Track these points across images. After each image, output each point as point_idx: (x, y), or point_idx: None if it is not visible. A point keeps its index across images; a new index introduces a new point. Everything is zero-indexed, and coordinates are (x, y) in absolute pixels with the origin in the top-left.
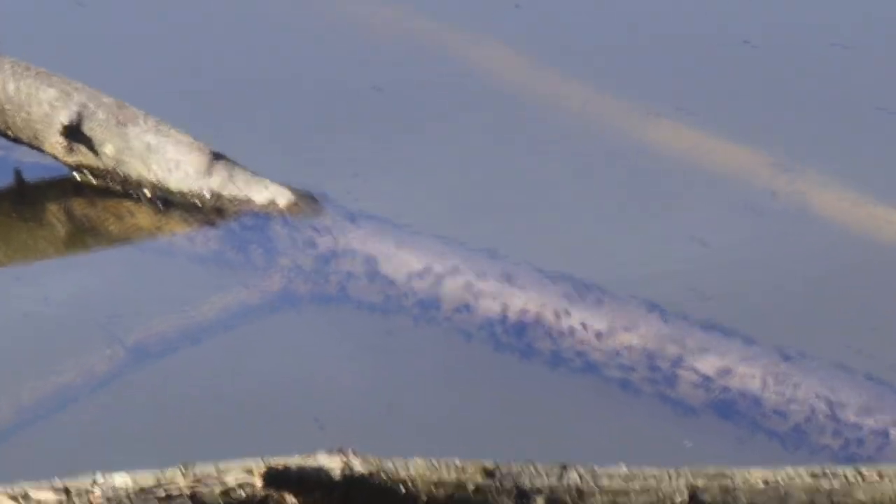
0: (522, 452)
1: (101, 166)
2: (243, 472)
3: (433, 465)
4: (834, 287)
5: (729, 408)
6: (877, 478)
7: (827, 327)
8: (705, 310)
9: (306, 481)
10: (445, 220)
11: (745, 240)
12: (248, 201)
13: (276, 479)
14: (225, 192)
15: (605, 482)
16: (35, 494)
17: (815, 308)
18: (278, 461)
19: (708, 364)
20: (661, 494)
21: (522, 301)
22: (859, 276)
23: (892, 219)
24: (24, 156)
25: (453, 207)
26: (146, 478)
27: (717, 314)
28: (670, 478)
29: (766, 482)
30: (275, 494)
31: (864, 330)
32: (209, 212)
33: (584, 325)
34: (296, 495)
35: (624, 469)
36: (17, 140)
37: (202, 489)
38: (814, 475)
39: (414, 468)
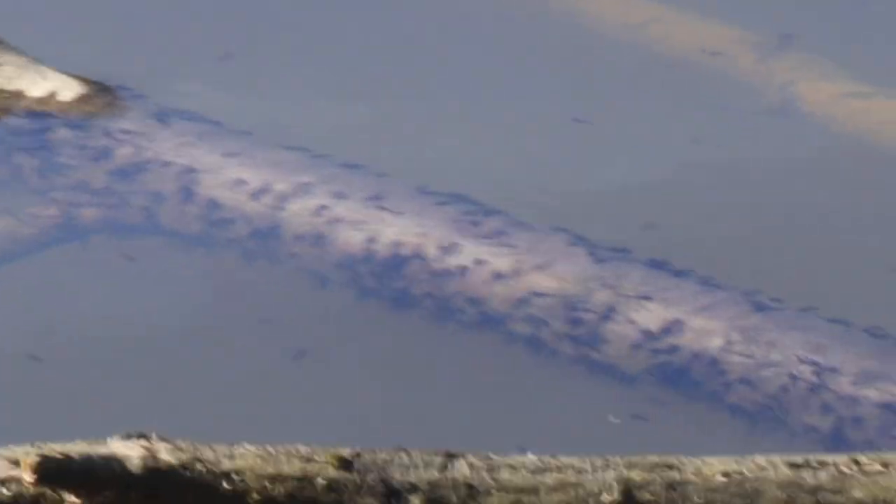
0: (392, 436)
1: None
2: (7, 464)
3: (268, 453)
4: (821, 211)
5: (679, 375)
6: (880, 468)
7: (812, 267)
8: (648, 244)
9: (94, 476)
10: (294, 127)
11: (705, 150)
12: (20, 95)
13: (53, 472)
14: None
15: (505, 475)
16: None
17: (797, 241)
18: (55, 448)
19: (650, 316)
20: (582, 491)
21: (396, 231)
22: (855, 193)
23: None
24: None
25: (306, 109)
26: None
27: (664, 250)
28: (596, 469)
29: (727, 475)
30: (51, 493)
31: (862, 269)
32: None
33: (478, 263)
34: (79, 494)
35: (532, 458)
36: None
37: None
38: (794, 465)
39: (242, 457)
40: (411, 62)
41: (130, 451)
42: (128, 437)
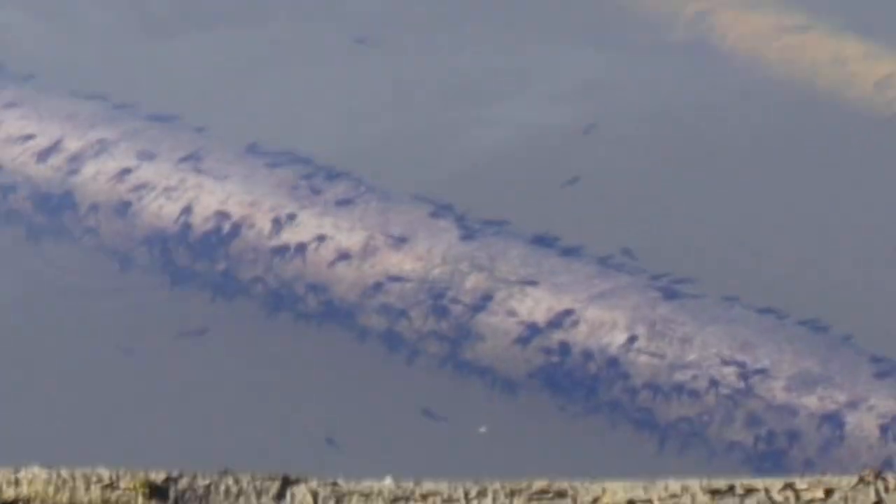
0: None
1: None
2: None
3: (62, 478)
4: (746, 173)
5: (571, 379)
6: (821, 495)
7: (736, 244)
8: (531, 216)
9: None
10: (91, 69)
11: (600, 97)
12: None
13: None
14: None
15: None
16: None
17: (716, 212)
18: None
19: (534, 304)
20: None
21: (217, 199)
22: (787, 149)
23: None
24: None
25: (106, 48)
26: None
27: (551, 223)
28: (470, 498)
29: (632, 503)
30: None
31: (798, 246)
32: None
33: (320, 240)
34: None
35: (389, 484)
36: None
37: None
38: (715, 492)
39: (29, 483)
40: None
41: None
42: None
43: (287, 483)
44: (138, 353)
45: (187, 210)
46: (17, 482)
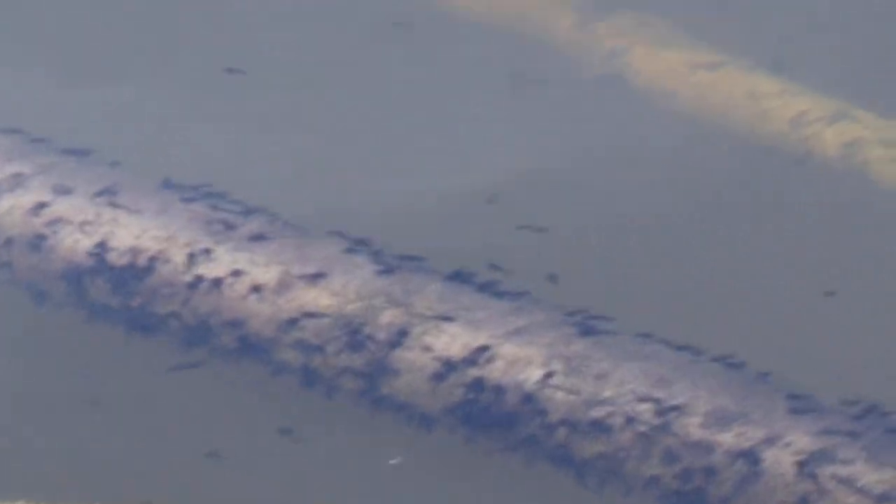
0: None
1: None
2: None
3: None
4: (663, 211)
5: (487, 416)
6: None
7: (651, 282)
8: (447, 253)
9: None
10: (6, 104)
11: (518, 134)
12: None
13: None
14: None
15: None
16: None
17: (631, 250)
18: None
19: (451, 340)
20: None
21: (132, 233)
22: (704, 189)
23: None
24: None
25: (23, 85)
26: None
27: (468, 261)
28: None
29: None
30: None
31: (712, 284)
32: None
33: (236, 275)
34: None
35: None
36: None
37: None
38: None
39: None
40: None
41: None
42: None
43: None
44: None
45: (102, 245)
46: None
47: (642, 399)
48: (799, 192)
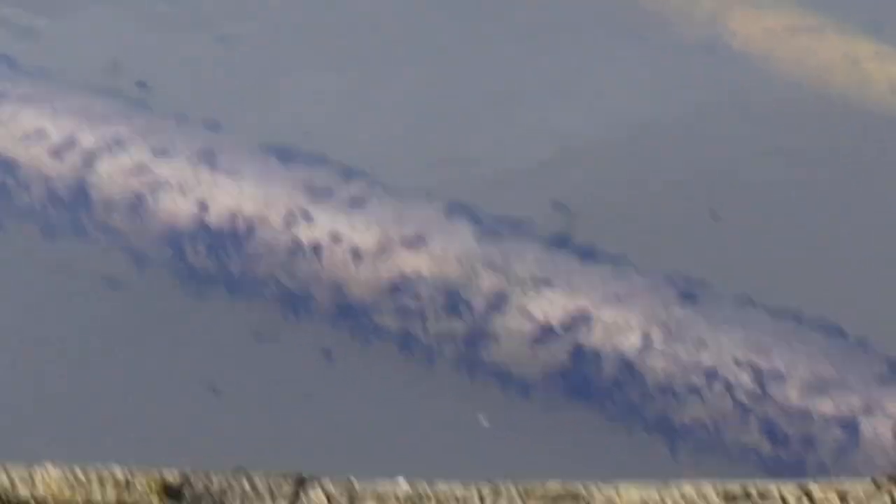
0: (230, 457)
1: None
2: None
3: (77, 477)
4: (760, 176)
5: (586, 381)
6: (836, 501)
7: (751, 247)
8: (548, 217)
9: None
10: (106, 66)
11: (622, 98)
12: None
13: None
14: None
15: None
16: None
17: (731, 214)
18: None
19: (549, 305)
20: None
21: (234, 196)
22: (801, 151)
23: (859, 54)
24: None
25: (120, 44)
26: None
27: (568, 224)
28: (483, 499)
29: None
30: None
31: (814, 249)
32: None
33: (335, 238)
34: None
35: (404, 485)
36: None
37: None
38: (729, 497)
39: (44, 483)
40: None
41: None
42: None
43: (301, 483)
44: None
45: (201, 208)
46: (31, 481)
47: (741, 365)
48: (893, 151)
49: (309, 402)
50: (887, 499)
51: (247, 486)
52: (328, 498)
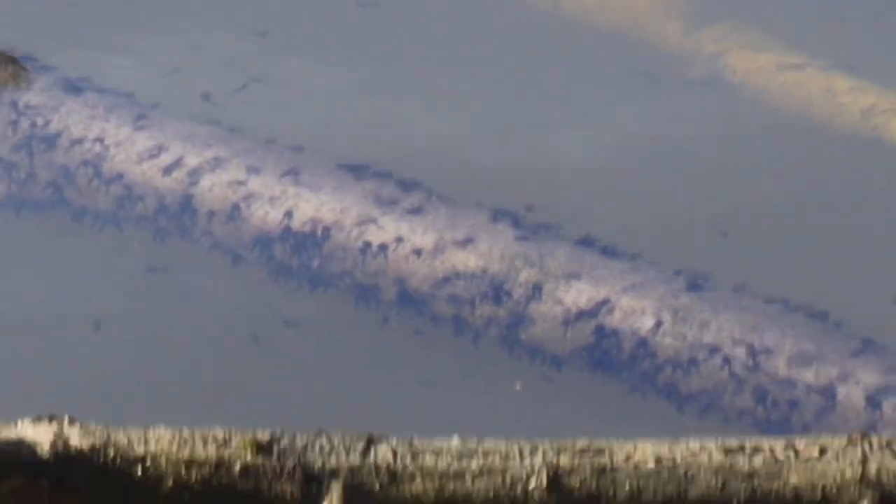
0: (313, 419)
1: None
2: None
3: (183, 437)
4: (754, 188)
5: (607, 356)
6: (816, 454)
7: (746, 245)
8: (576, 222)
9: (0, 461)
10: (207, 100)
11: (638, 123)
12: None
13: None
14: None
15: (428, 461)
16: None
17: (729, 219)
18: None
19: (578, 294)
20: (508, 477)
21: (313, 206)
22: (789, 169)
23: (844, 90)
24: None
25: (218, 81)
26: None
27: (594, 227)
28: (523, 455)
29: (658, 461)
30: None
31: (798, 247)
32: None
33: (399, 240)
34: None
35: (456, 443)
36: None
37: None
38: (728, 451)
39: (156, 442)
40: (331, 32)
41: (40, 436)
42: (38, 420)
43: (371, 441)
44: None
45: (288, 215)
46: (146, 441)
47: (737, 343)
48: (870, 170)
49: (377, 376)
50: (859, 451)
51: (325, 444)
52: (393, 453)
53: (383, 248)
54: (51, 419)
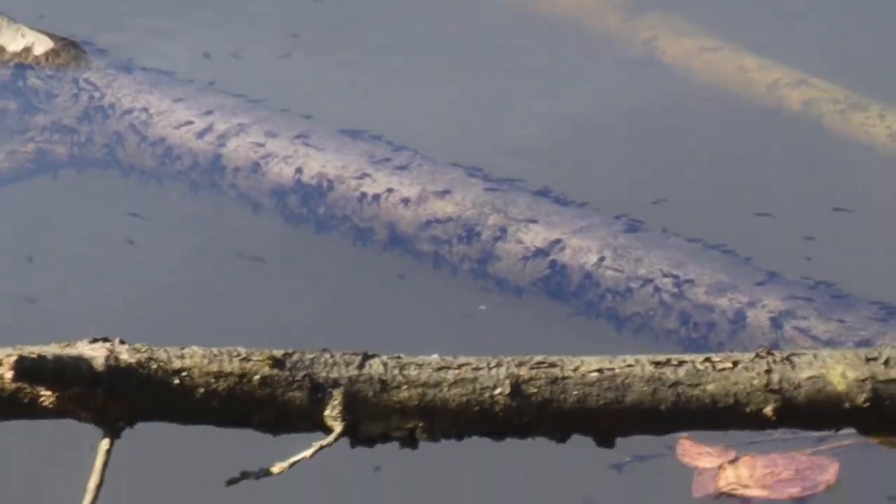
0: (320, 340)
1: None
2: None
3: (212, 354)
4: (681, 148)
5: (559, 286)
6: (729, 366)
7: (673, 194)
8: (536, 177)
9: (64, 373)
10: (234, 77)
11: (586, 96)
12: (1, 50)
13: (30, 370)
14: None
15: (413, 372)
16: None
17: (660, 173)
18: (32, 350)
19: (535, 235)
20: (478, 386)
21: (319, 164)
22: (707, 132)
23: (753, 68)
24: None
25: (243, 62)
26: None
27: (551, 181)
28: (490, 367)
29: (600, 371)
30: (27, 388)
31: (715, 196)
32: None
33: (389, 191)
34: (51, 389)
35: (436, 357)
36: None
37: None
38: (656, 363)
39: (190, 357)
40: (340, 21)
41: (95, 353)
42: (94, 341)
43: (366, 356)
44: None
45: (299, 171)
46: (182, 356)
47: (665, 275)
48: (773, 135)
49: (370, 300)
50: (764, 364)
51: (328, 359)
52: (384, 366)
53: (377, 197)
54: (104, 339)
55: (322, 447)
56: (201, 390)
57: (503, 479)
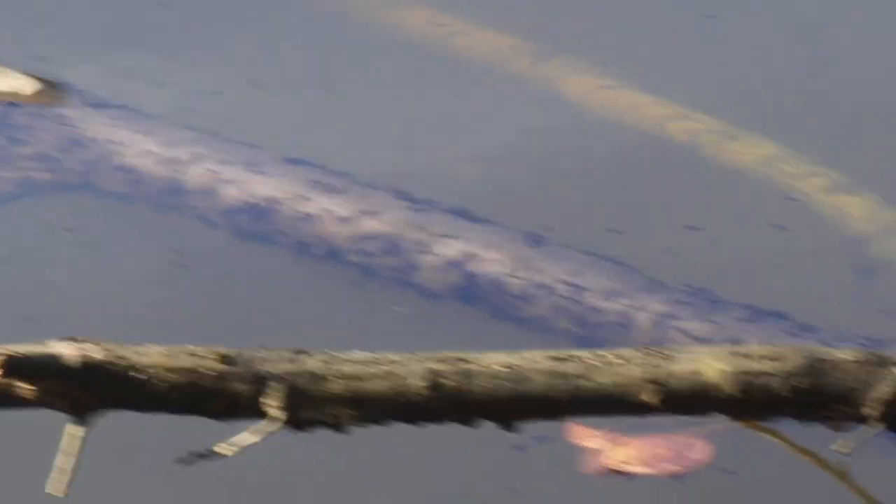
0: (263, 339)
1: None
2: None
3: (169, 352)
4: (581, 173)
5: (472, 292)
6: (618, 361)
7: (572, 216)
8: (454, 198)
9: (45, 370)
10: (193, 112)
11: (499, 129)
12: None
13: (17, 367)
14: None
15: (343, 367)
16: None
17: (561, 195)
18: (14, 348)
19: (452, 249)
20: (401, 379)
21: (267, 188)
22: (607, 161)
23: (646, 104)
24: None
25: (201, 98)
26: None
27: (468, 203)
28: (411, 362)
29: (506, 366)
30: (15, 383)
31: (607, 212)
32: None
33: (326, 212)
34: (34, 384)
35: (362, 354)
36: None
37: None
38: (555, 358)
39: (149, 355)
40: (310, 59)
41: (68, 350)
42: (62, 339)
43: (299, 352)
44: (210, 278)
45: (249, 195)
46: (143, 354)
47: (563, 283)
48: (659, 160)
49: (303, 308)
50: (649, 359)
51: (269, 355)
52: (318, 362)
53: (316, 217)
54: (71, 339)
55: (270, 434)
56: (162, 384)
57: (426, 469)
